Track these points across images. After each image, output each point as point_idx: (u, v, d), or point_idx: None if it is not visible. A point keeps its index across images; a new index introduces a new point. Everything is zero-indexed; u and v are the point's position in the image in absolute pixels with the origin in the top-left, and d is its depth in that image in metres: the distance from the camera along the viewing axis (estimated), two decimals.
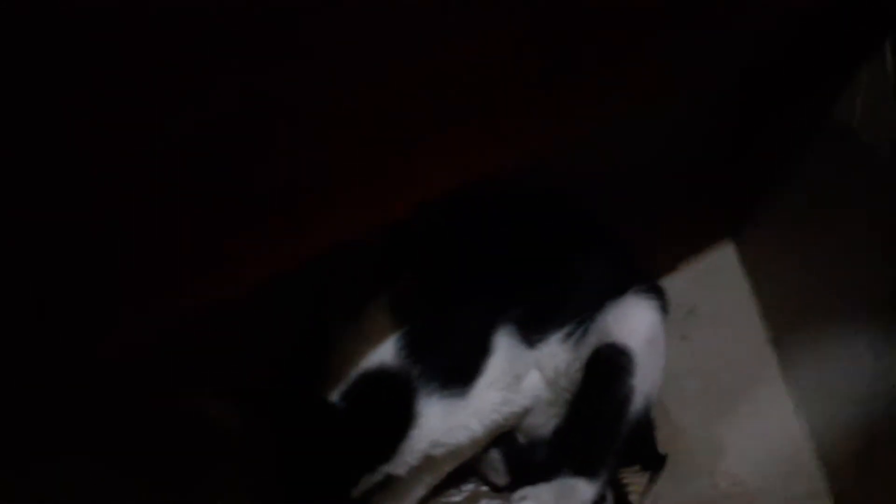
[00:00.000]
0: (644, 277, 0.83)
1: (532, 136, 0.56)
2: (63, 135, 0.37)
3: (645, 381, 0.76)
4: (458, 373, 0.73)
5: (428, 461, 0.76)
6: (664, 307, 0.80)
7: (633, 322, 0.77)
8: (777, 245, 0.93)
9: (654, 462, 0.82)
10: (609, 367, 0.75)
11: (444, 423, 0.72)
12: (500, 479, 0.85)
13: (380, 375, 0.71)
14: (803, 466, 0.86)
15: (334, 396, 0.70)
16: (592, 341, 0.77)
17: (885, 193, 0.73)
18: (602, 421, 0.76)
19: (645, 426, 0.80)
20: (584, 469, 0.76)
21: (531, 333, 0.77)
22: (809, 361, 0.88)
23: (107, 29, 0.34)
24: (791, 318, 0.91)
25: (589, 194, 0.85)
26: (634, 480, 0.82)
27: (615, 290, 0.79)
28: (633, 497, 0.80)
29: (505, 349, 0.75)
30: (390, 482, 0.81)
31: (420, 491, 0.83)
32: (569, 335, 0.79)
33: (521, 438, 0.86)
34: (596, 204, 0.87)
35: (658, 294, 0.80)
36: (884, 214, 0.74)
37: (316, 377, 0.72)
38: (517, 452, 0.84)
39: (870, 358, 0.77)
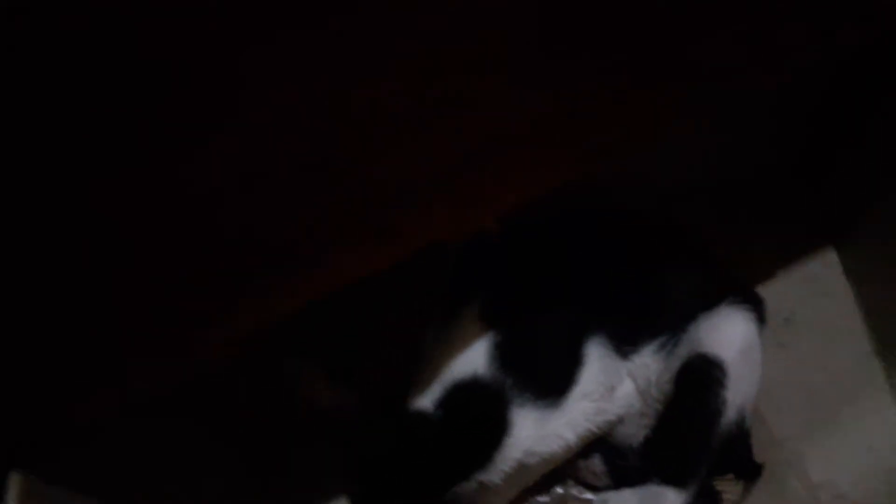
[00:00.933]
0: (739, 287, 0.83)
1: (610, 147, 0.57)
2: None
3: (738, 393, 0.75)
4: (552, 383, 0.75)
5: (521, 468, 0.78)
6: (761, 318, 0.80)
7: (726, 333, 0.76)
8: (883, 251, 0.90)
9: (749, 471, 0.81)
10: (701, 378, 0.75)
11: (538, 432, 0.74)
12: (600, 481, 0.86)
13: (473, 385, 0.74)
14: None
15: (425, 403, 0.74)
16: (684, 353, 0.77)
17: None
18: (693, 432, 0.76)
19: (739, 436, 0.79)
20: (672, 478, 0.76)
21: (623, 344, 0.78)
22: None
23: None
24: None
25: (681, 202, 0.86)
26: (729, 489, 0.81)
27: (708, 302, 0.79)
28: None
29: (597, 359, 0.76)
30: (482, 486, 0.84)
31: (511, 493, 0.85)
32: (661, 346, 0.79)
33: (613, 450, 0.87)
34: (691, 210, 0.87)
35: (754, 304, 0.79)
36: None
37: (405, 382, 0.76)
38: (618, 457, 0.85)
39: None
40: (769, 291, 0.93)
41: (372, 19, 0.40)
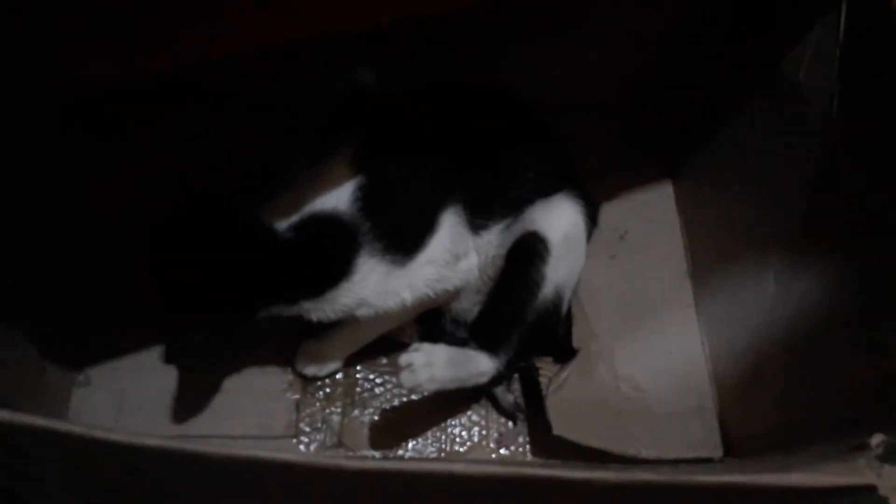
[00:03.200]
0: (581, 187, 0.90)
1: None
2: None
3: (557, 272, 0.82)
4: (403, 240, 0.77)
5: (350, 321, 0.80)
6: (591, 217, 0.87)
7: (555, 216, 0.83)
8: (709, 187, 1.00)
9: (566, 354, 0.89)
10: (526, 251, 0.81)
11: (378, 285, 0.76)
12: (408, 338, 0.90)
13: (330, 219, 0.75)
14: (697, 384, 0.94)
15: (279, 223, 0.74)
16: (517, 231, 0.82)
17: (806, 146, 0.81)
18: (510, 300, 0.82)
19: (555, 316, 0.86)
20: (486, 344, 0.81)
21: (476, 218, 0.82)
22: (720, 294, 0.96)
23: None
24: (711, 254, 0.99)
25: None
26: (546, 367, 0.89)
27: (551, 190, 0.85)
28: (543, 380, 0.87)
29: (449, 228, 0.80)
30: (322, 332, 0.85)
31: (348, 345, 0.87)
32: (508, 227, 0.84)
33: (448, 322, 0.91)
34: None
35: (586, 202, 0.86)
36: (803, 162, 0.81)
37: (266, 206, 0.75)
38: (432, 325, 0.90)
39: (773, 289, 0.85)
40: (611, 210, 1.02)
41: None
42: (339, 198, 0.74)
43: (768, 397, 0.85)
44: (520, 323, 0.81)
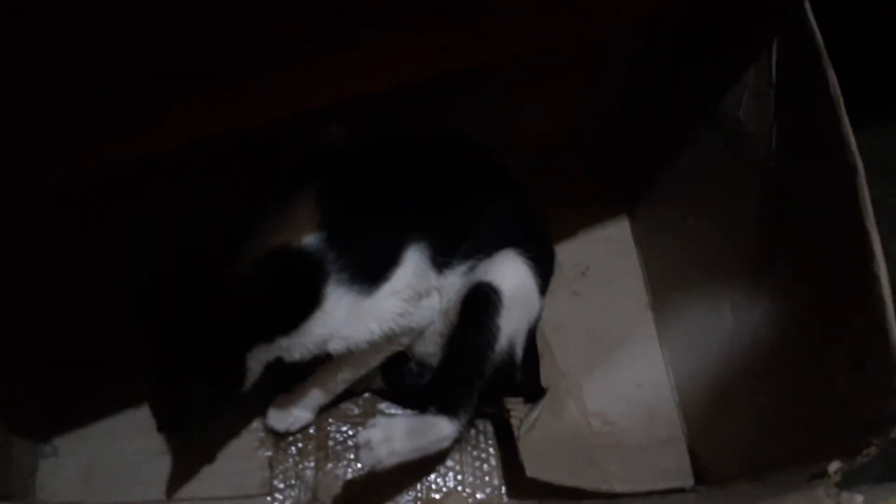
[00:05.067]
0: (541, 233, 0.93)
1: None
2: None
3: (510, 323, 0.84)
4: (369, 271, 0.78)
5: (321, 368, 0.80)
6: (546, 264, 0.90)
7: (506, 268, 0.85)
8: (664, 221, 1.04)
9: (535, 394, 0.90)
10: (480, 300, 0.82)
11: (347, 314, 0.77)
12: (375, 386, 0.92)
13: (297, 252, 0.75)
14: (665, 414, 0.96)
15: (244, 264, 0.75)
16: (473, 279, 0.84)
17: (753, 179, 0.84)
18: (468, 357, 0.83)
19: (509, 369, 0.87)
20: (445, 407, 0.82)
21: (439, 257, 0.83)
22: (681, 324, 0.99)
23: None
24: (670, 286, 1.02)
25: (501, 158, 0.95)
26: (517, 408, 0.90)
27: (512, 239, 0.87)
28: (514, 422, 0.88)
29: (413, 264, 0.81)
30: (294, 385, 0.85)
31: (320, 396, 0.88)
32: (470, 270, 0.86)
33: (413, 367, 0.92)
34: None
35: (538, 256, 0.88)
36: (751, 194, 0.85)
37: (232, 256, 0.76)
38: (396, 372, 0.91)
39: (730, 318, 0.87)
40: (572, 247, 1.05)
41: None
42: (303, 231, 0.75)
43: (734, 425, 0.87)
44: (479, 379, 0.83)
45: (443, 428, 0.81)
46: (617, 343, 1.01)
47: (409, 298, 0.80)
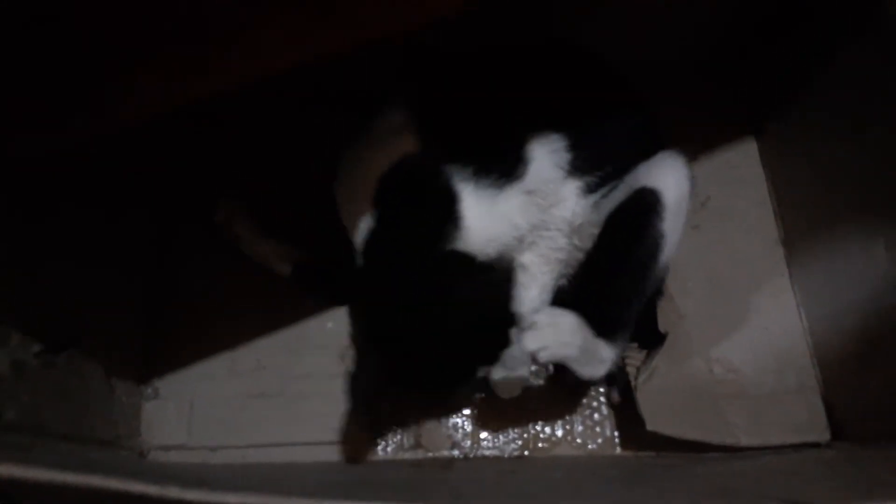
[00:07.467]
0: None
1: None
2: None
3: (675, 233, 0.72)
4: (496, 167, 0.70)
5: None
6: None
7: (666, 169, 0.74)
8: (801, 144, 0.91)
9: (653, 340, 0.82)
10: (639, 209, 0.71)
11: (488, 210, 0.71)
12: None
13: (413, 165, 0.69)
14: (797, 361, 0.87)
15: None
16: (619, 196, 0.73)
17: None
18: (627, 272, 0.73)
19: (657, 296, 0.78)
20: (604, 330, 0.72)
21: (576, 161, 0.73)
22: (820, 263, 0.87)
23: None
24: (807, 219, 0.90)
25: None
26: (633, 355, 0.82)
27: (652, 147, 0.76)
28: (630, 370, 0.81)
29: (545, 157, 0.72)
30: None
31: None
32: (591, 189, 0.75)
33: None
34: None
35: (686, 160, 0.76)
36: None
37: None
38: None
39: (884, 258, 0.76)
40: None
41: None
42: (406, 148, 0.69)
43: (882, 378, 0.77)
44: (639, 297, 0.73)
45: (605, 351, 0.72)
46: (742, 282, 0.91)
47: (543, 197, 0.72)
